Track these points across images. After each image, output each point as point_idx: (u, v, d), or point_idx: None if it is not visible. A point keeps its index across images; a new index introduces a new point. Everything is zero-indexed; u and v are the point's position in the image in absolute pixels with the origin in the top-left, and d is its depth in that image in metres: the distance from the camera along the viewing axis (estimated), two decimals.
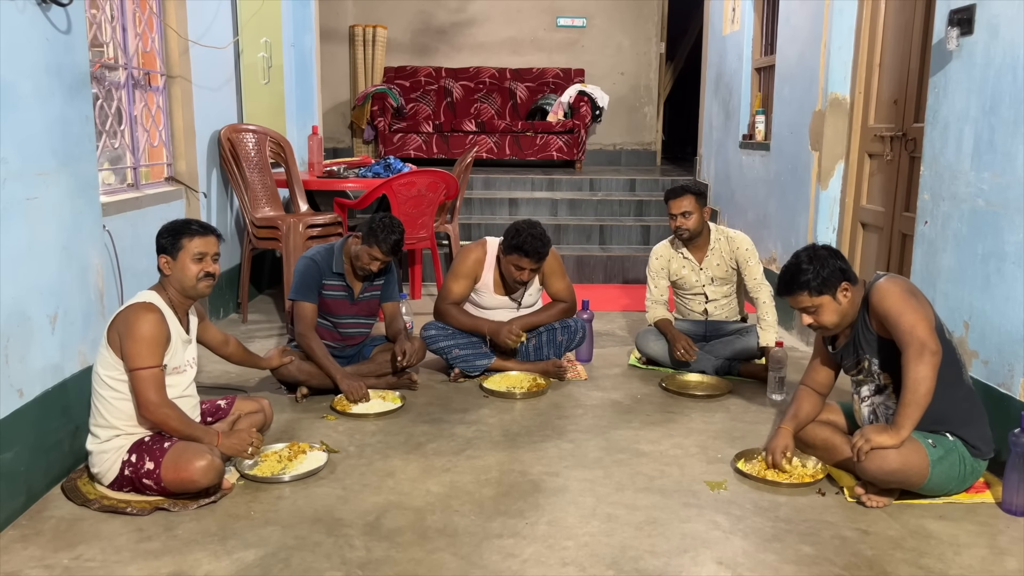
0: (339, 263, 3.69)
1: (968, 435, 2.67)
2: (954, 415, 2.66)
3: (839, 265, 2.73)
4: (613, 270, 6.37)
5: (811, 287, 2.71)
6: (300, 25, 6.63)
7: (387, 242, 3.56)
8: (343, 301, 3.74)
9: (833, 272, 2.71)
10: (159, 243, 2.77)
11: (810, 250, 2.78)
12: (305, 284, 3.65)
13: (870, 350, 2.76)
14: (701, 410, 3.60)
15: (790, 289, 2.77)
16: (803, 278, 2.72)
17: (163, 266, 2.76)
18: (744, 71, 6.17)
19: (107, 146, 3.81)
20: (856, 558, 2.37)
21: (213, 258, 2.79)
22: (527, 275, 3.81)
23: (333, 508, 2.63)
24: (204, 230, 2.79)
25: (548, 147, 8.50)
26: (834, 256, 2.75)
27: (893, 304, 2.60)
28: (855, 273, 2.79)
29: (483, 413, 3.53)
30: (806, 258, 2.74)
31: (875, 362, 2.76)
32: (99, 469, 2.67)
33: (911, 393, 2.53)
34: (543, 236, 3.76)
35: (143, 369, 2.59)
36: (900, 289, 2.64)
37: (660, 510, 2.65)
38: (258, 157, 5.10)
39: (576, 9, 9.38)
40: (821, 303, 2.73)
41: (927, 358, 2.50)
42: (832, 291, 2.72)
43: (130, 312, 2.64)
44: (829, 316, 2.75)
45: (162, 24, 4.28)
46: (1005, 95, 2.89)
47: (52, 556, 2.33)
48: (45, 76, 2.72)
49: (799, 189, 4.87)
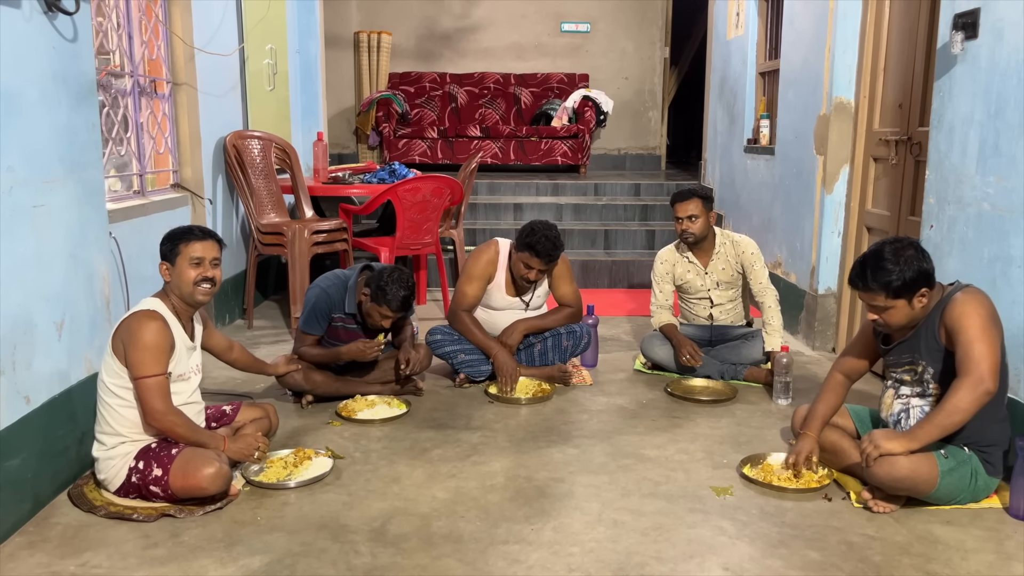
0: (352, 303, 3.60)
1: (989, 454, 2.64)
2: (981, 433, 2.62)
3: (924, 268, 2.53)
4: (618, 275, 6.36)
5: (891, 288, 2.53)
6: (305, 31, 6.65)
7: (396, 300, 3.44)
8: (355, 333, 3.66)
9: (917, 276, 2.51)
10: (160, 250, 2.78)
11: (896, 245, 2.56)
12: (315, 316, 3.61)
13: (930, 359, 2.63)
14: (707, 415, 3.60)
15: (866, 284, 2.57)
16: (885, 278, 2.52)
17: (163, 273, 2.76)
18: (748, 75, 6.17)
19: (113, 153, 3.83)
20: (863, 564, 2.36)
21: (212, 263, 2.76)
22: (535, 275, 3.80)
23: (339, 514, 2.63)
24: (203, 235, 2.78)
25: (553, 152, 8.50)
26: (921, 257, 2.54)
27: (970, 326, 2.47)
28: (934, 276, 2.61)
29: (488, 419, 3.53)
30: (891, 254, 2.53)
31: (930, 371, 2.65)
32: (105, 475, 2.68)
33: (944, 416, 2.46)
34: (557, 239, 3.76)
35: (148, 377, 2.59)
36: (984, 312, 2.50)
37: (666, 516, 2.64)
38: (263, 163, 5.11)
39: (580, 14, 9.39)
40: (895, 305, 2.56)
41: (979, 394, 2.42)
42: (910, 295, 2.54)
43: (133, 320, 2.64)
44: (898, 319, 2.60)
45: (168, 32, 4.30)
46: (1010, 99, 2.88)
47: (59, 563, 2.34)
48: (52, 84, 2.74)
49: (804, 193, 4.86)
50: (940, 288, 2.66)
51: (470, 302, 3.93)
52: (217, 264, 2.79)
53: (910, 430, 2.56)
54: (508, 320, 3.99)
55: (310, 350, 3.62)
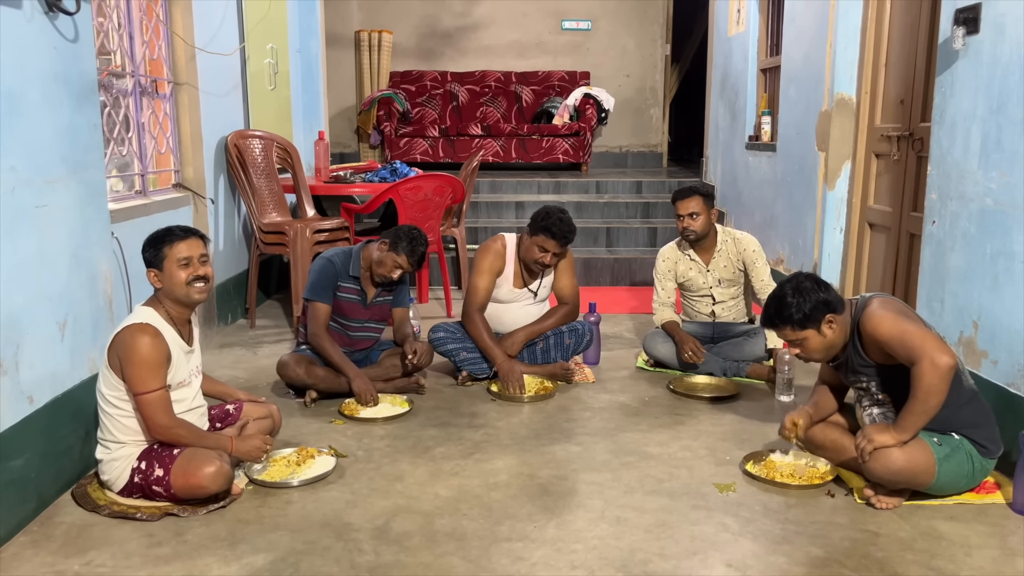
0: (356, 267, 3.71)
1: (975, 435, 2.65)
2: (957, 419, 2.64)
3: (822, 297, 2.66)
4: (620, 272, 6.36)
5: (794, 321, 2.67)
6: (306, 31, 6.65)
7: (415, 253, 3.58)
8: (356, 305, 3.75)
9: (816, 306, 2.65)
10: (144, 258, 2.70)
11: (794, 281, 2.72)
12: (321, 284, 3.67)
13: (867, 373, 2.74)
14: (709, 412, 3.60)
15: (773, 323, 2.74)
16: (786, 312, 2.67)
17: (153, 280, 2.69)
18: (750, 72, 6.17)
19: (115, 153, 3.83)
20: (866, 560, 2.36)
21: (200, 260, 2.70)
22: (549, 259, 3.82)
23: (342, 512, 2.63)
24: (185, 233, 2.71)
25: (554, 150, 8.50)
26: (819, 287, 2.69)
27: (890, 330, 2.57)
28: (841, 300, 2.73)
29: (491, 416, 3.53)
30: (791, 291, 2.68)
31: (874, 383, 2.75)
32: (109, 476, 2.68)
33: (920, 403, 2.51)
34: (571, 222, 3.81)
35: (147, 393, 2.57)
36: (892, 313, 2.60)
37: (669, 513, 2.64)
38: (265, 163, 5.12)
39: (581, 12, 9.39)
40: (805, 336, 2.69)
41: (942, 371, 2.46)
42: (816, 325, 2.67)
43: (126, 335, 2.58)
44: (815, 350, 2.73)
45: (169, 31, 4.30)
46: (1012, 94, 2.88)
47: (63, 562, 2.34)
48: (53, 84, 2.74)
49: (806, 190, 4.86)
50: (849, 307, 2.74)
51: (483, 296, 3.93)
52: (206, 261, 2.73)
53: (897, 422, 2.58)
54: (515, 312, 4.00)
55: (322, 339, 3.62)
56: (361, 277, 3.73)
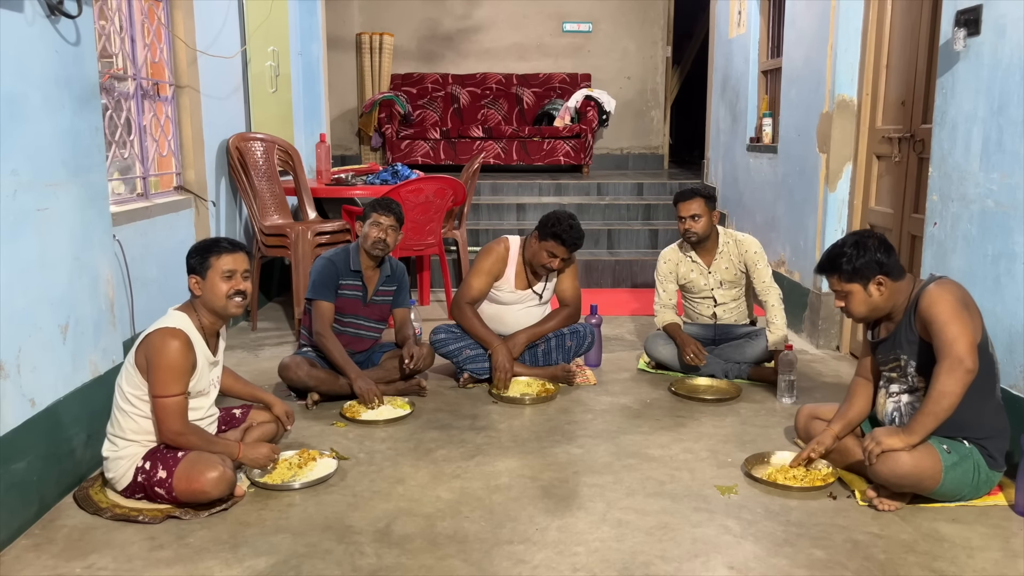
0: (356, 261, 3.75)
1: (989, 446, 2.64)
2: (977, 425, 2.62)
3: (878, 258, 2.65)
4: (621, 274, 6.36)
5: (843, 271, 2.68)
6: (307, 33, 6.66)
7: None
8: (355, 302, 3.77)
9: (869, 263, 2.64)
10: (188, 263, 2.74)
11: (859, 235, 2.72)
12: (323, 283, 3.69)
13: (910, 351, 2.70)
14: (711, 414, 3.59)
15: (823, 268, 2.76)
16: (838, 262, 2.69)
17: (193, 287, 2.73)
18: (751, 74, 6.16)
19: (117, 156, 3.84)
20: (868, 562, 2.36)
21: (243, 275, 2.75)
22: (558, 264, 3.85)
23: (343, 515, 2.63)
24: (233, 247, 2.76)
25: (555, 152, 8.50)
26: (879, 248, 2.67)
27: (940, 312, 2.54)
28: (900, 268, 2.72)
29: (492, 419, 3.53)
30: (851, 242, 2.69)
31: (912, 364, 2.71)
32: (113, 474, 2.68)
33: (933, 404, 2.50)
34: (580, 229, 3.84)
35: (167, 397, 2.59)
36: (952, 298, 2.57)
37: (670, 515, 2.64)
38: (266, 165, 5.12)
39: (582, 14, 9.39)
40: (851, 290, 2.70)
41: (959, 375, 2.46)
42: (863, 281, 2.67)
43: (157, 337, 2.61)
44: (857, 306, 2.72)
45: (170, 35, 4.31)
46: (1013, 95, 2.88)
47: (65, 565, 2.34)
48: (55, 88, 2.74)
49: (807, 191, 4.86)
50: (911, 281, 2.73)
51: (474, 295, 3.95)
52: (248, 276, 2.78)
53: (907, 425, 2.58)
54: (518, 314, 4.01)
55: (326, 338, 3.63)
56: (362, 269, 3.76)
